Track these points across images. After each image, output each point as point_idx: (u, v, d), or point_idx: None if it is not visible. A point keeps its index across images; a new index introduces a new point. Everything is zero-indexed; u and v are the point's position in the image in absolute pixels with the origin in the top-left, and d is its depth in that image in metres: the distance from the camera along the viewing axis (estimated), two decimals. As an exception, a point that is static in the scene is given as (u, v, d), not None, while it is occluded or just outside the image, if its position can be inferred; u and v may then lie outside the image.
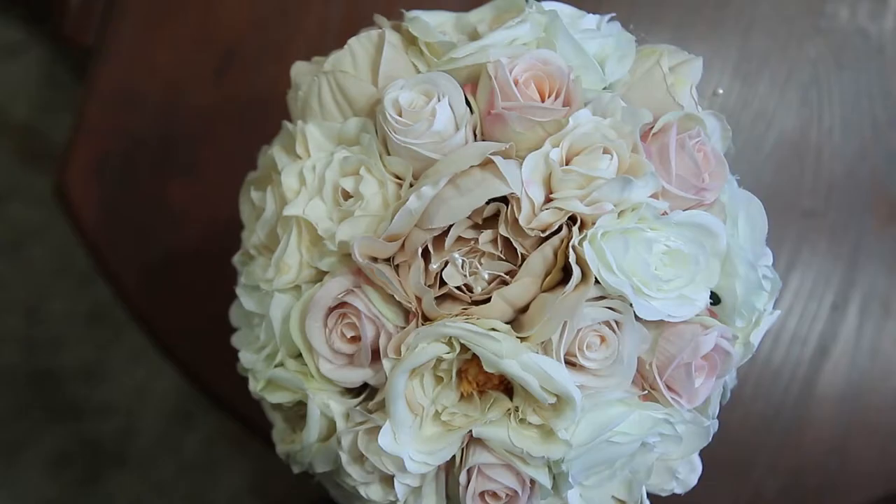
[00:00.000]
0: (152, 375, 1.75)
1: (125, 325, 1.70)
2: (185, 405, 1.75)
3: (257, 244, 0.60)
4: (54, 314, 1.78)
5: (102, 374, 1.77)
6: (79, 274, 1.75)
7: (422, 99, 0.55)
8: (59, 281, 1.78)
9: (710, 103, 0.93)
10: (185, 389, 1.68)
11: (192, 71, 0.95)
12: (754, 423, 0.91)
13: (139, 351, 1.75)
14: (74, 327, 1.78)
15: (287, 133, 0.61)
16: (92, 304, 1.77)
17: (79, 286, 1.77)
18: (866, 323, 0.91)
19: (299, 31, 0.95)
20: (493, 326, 0.53)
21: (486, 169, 0.53)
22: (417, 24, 0.58)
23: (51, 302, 1.78)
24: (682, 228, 0.55)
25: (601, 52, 0.59)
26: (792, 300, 0.92)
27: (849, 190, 0.93)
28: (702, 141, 0.57)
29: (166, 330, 0.95)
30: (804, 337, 0.91)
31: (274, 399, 0.58)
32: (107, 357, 1.77)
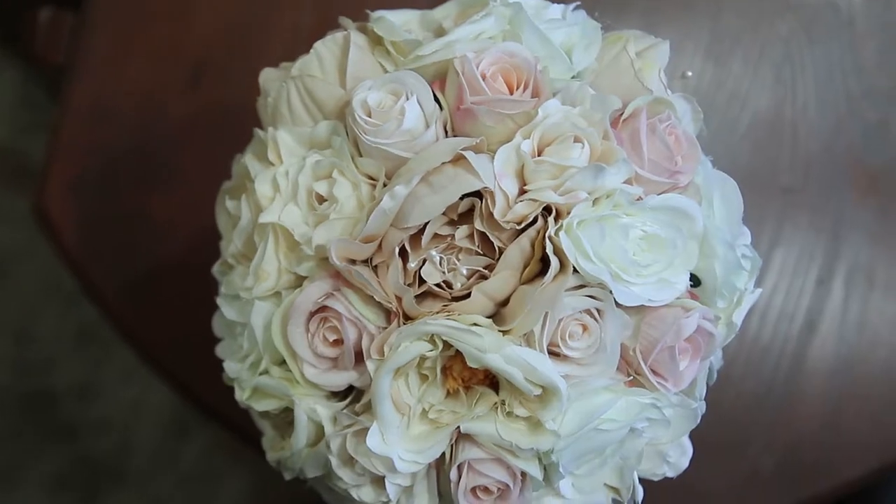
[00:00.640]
0: (145, 390, 1.75)
1: (115, 342, 1.69)
2: (180, 418, 1.75)
3: (235, 253, 0.60)
4: (44, 334, 1.77)
5: (96, 391, 1.77)
6: (66, 293, 1.75)
7: (390, 98, 0.55)
8: (46, 301, 1.77)
9: (684, 86, 0.93)
10: (179, 402, 1.67)
11: (166, 82, 0.95)
12: (746, 401, 0.91)
13: (131, 366, 1.74)
14: (65, 347, 1.77)
15: (259, 140, 0.61)
16: (81, 322, 1.76)
17: (67, 305, 1.76)
18: (852, 296, 0.92)
19: (271, 37, 0.95)
20: (475, 321, 0.53)
21: (459, 164, 0.53)
22: (382, 23, 0.58)
23: (39, 322, 1.78)
24: (657, 213, 0.55)
25: (567, 41, 0.59)
26: (777, 277, 0.92)
27: (827, 164, 0.93)
28: (672, 124, 0.57)
29: (154, 344, 0.95)
30: (791, 313, 0.91)
31: (261, 407, 0.58)
32: (99, 374, 1.77)
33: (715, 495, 0.91)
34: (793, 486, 0.90)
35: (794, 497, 0.90)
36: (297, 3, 0.95)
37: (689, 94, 0.83)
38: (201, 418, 0.98)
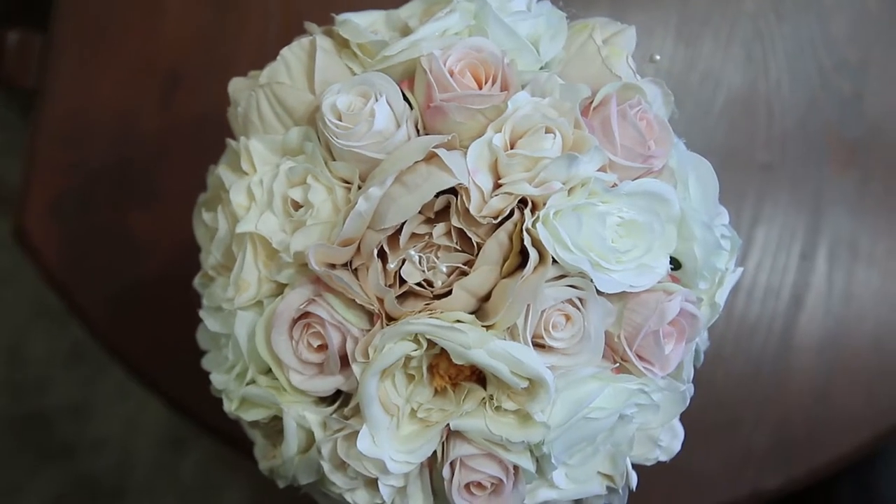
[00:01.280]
0: (140, 406, 1.75)
1: (107, 360, 1.69)
2: (176, 431, 1.74)
3: (215, 265, 0.60)
4: (35, 356, 1.77)
5: (90, 410, 1.76)
6: (55, 313, 1.75)
7: (359, 101, 0.55)
8: (35, 323, 1.77)
9: (656, 70, 0.93)
10: (174, 416, 1.67)
11: (138, 98, 0.95)
12: (737, 380, 0.91)
13: (125, 383, 1.74)
14: (57, 367, 1.77)
15: (231, 150, 0.61)
16: (71, 341, 1.76)
17: (56, 326, 1.76)
18: (836, 268, 0.92)
19: (241, 46, 0.95)
20: (458, 318, 0.53)
21: (432, 163, 0.53)
22: (347, 26, 0.58)
23: (30, 344, 1.77)
24: (633, 198, 0.55)
25: (533, 32, 0.59)
26: (760, 255, 0.92)
27: (803, 139, 0.94)
28: (643, 109, 0.57)
29: (144, 361, 0.95)
30: (777, 290, 0.92)
31: (249, 417, 0.58)
32: (93, 393, 1.77)
33: (710, 475, 0.91)
34: (787, 462, 0.90)
35: (789, 473, 0.90)
36: (266, 11, 0.95)
37: (662, 77, 0.84)
38: (198, 431, 0.98)
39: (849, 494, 1.09)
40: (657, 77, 0.88)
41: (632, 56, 0.61)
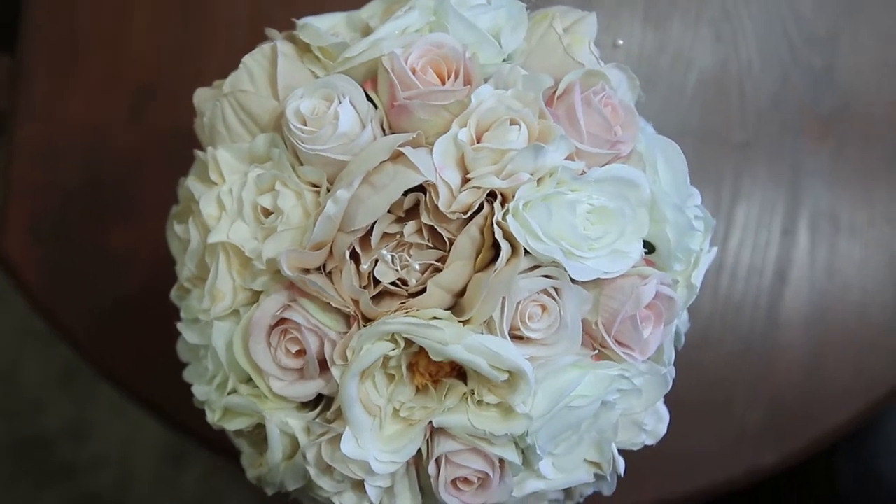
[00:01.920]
0: (137, 421, 1.74)
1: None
2: (175, 445, 1.74)
3: (189, 276, 0.60)
4: (28, 379, 1.77)
5: (88, 429, 1.76)
6: (44, 335, 1.74)
7: (323, 104, 0.55)
8: (26, 345, 1.77)
9: (626, 55, 0.93)
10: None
11: (109, 114, 0.95)
12: (726, 360, 0.91)
13: (120, 400, 1.73)
14: (51, 388, 1.77)
15: (200, 161, 0.61)
16: (63, 361, 1.76)
17: (47, 347, 1.76)
18: (818, 242, 0.92)
19: (211, 56, 0.95)
20: (434, 315, 0.53)
21: (398, 161, 0.53)
22: (307, 30, 0.58)
23: (22, 368, 1.77)
24: (602, 184, 0.55)
25: (494, 25, 0.59)
26: (741, 233, 0.92)
27: (777, 115, 0.94)
28: (608, 95, 0.57)
29: (134, 377, 0.95)
30: (760, 267, 0.92)
31: (233, 427, 0.58)
32: (89, 411, 1.76)
33: (706, 456, 0.91)
34: (781, 439, 0.90)
35: (783, 449, 0.90)
36: (233, 19, 0.95)
37: (632, 61, 0.84)
38: (195, 444, 0.98)
39: (848, 469, 1.09)
40: (627, 62, 0.88)
41: (594, 43, 0.61)
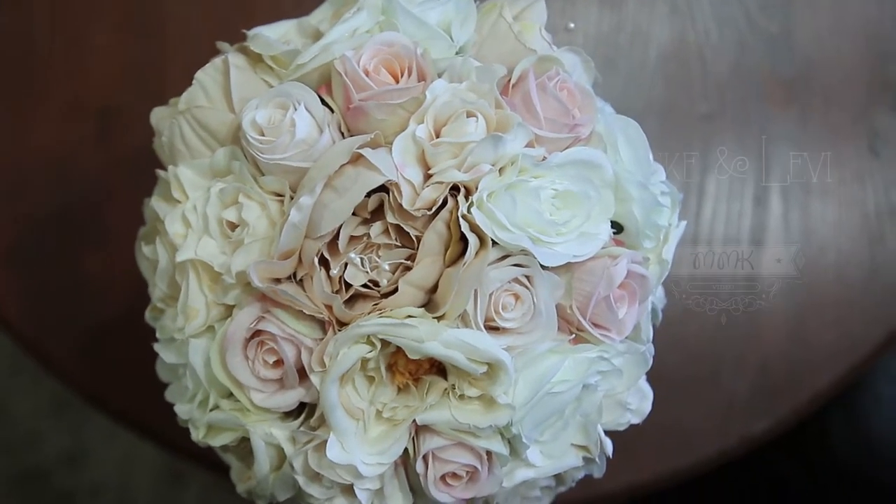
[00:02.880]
0: (133, 444, 1.74)
1: (91, 404, 1.68)
2: (173, 465, 1.74)
3: (162, 296, 0.60)
4: (20, 412, 1.76)
5: (84, 456, 1.75)
6: (32, 367, 1.74)
7: (278, 113, 0.55)
8: (14, 379, 1.76)
9: (585, 37, 0.93)
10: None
11: (74, 140, 0.94)
12: (710, 333, 0.91)
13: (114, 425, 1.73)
14: (44, 419, 1.76)
15: (162, 181, 0.61)
16: (53, 391, 1.75)
17: (36, 379, 1.75)
18: (791, 207, 0.92)
19: (170, 73, 0.95)
20: (408, 314, 0.53)
21: (358, 164, 0.53)
22: (257, 40, 0.58)
23: (13, 401, 1.76)
24: (564, 169, 0.55)
25: (444, 19, 0.59)
26: (714, 204, 0.92)
27: (740, 84, 0.94)
28: (562, 79, 0.57)
29: (122, 402, 0.95)
30: (736, 236, 0.92)
31: (218, 442, 0.58)
32: (84, 438, 1.76)
33: (698, 430, 0.91)
34: (770, 406, 0.91)
35: (773, 416, 0.90)
36: (189, 34, 0.94)
37: (591, 42, 0.84)
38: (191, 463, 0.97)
39: (840, 431, 1.10)
40: (585, 43, 0.88)
41: (546, 28, 0.61)
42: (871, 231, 0.92)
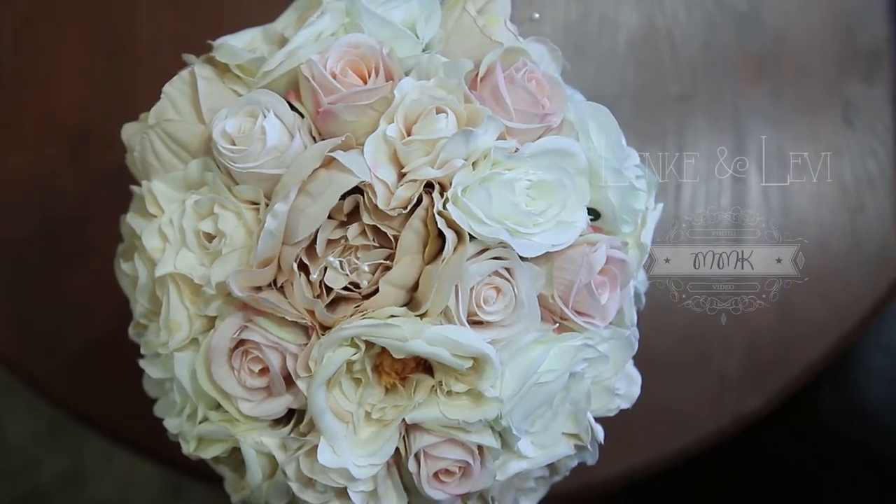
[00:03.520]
0: (132, 462, 1.74)
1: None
2: (172, 480, 1.73)
3: (144, 312, 0.60)
4: (16, 437, 1.76)
5: (83, 477, 1.75)
6: (24, 392, 1.73)
7: (248, 121, 0.55)
8: (8, 404, 1.76)
9: (553, 27, 0.93)
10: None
11: (51, 161, 0.94)
12: (698, 314, 0.91)
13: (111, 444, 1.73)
14: (41, 443, 1.76)
15: (137, 197, 0.60)
16: (49, 414, 1.75)
17: (30, 403, 1.75)
18: (769, 182, 0.92)
19: (141, 88, 0.94)
20: (391, 313, 0.53)
21: (331, 167, 0.53)
22: (222, 50, 0.58)
23: (9, 427, 1.76)
24: (537, 159, 0.55)
25: (408, 17, 0.59)
26: (693, 184, 0.92)
27: (710, 62, 0.94)
28: (530, 69, 0.57)
29: (114, 419, 0.94)
30: (716, 216, 0.92)
31: (209, 454, 0.58)
32: (82, 459, 1.75)
33: (691, 411, 0.92)
34: (761, 383, 0.91)
35: (765, 392, 0.91)
36: (156, 48, 0.94)
37: (559, 31, 0.84)
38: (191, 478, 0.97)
39: (832, 402, 1.10)
40: (554, 32, 0.88)
41: (511, 19, 0.61)
42: (851, 202, 0.92)
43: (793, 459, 1.14)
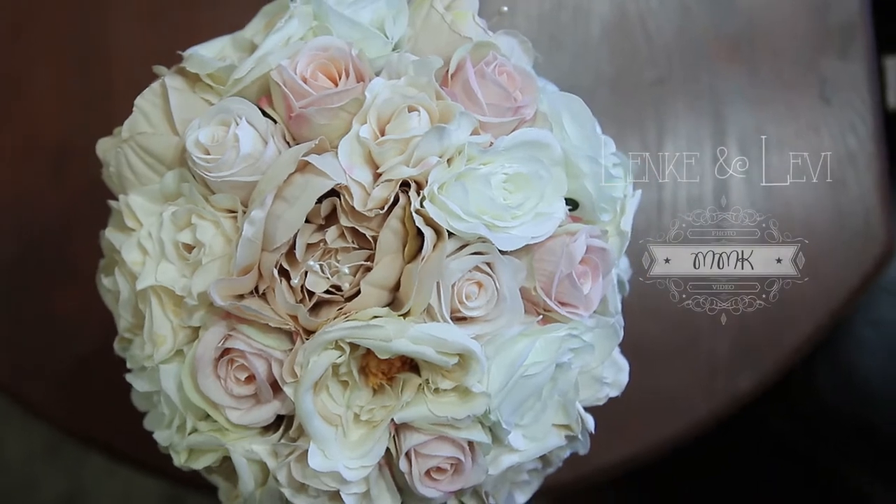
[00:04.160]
0: (131, 478, 1.73)
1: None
2: (172, 493, 1.73)
3: (128, 326, 0.60)
4: (15, 459, 1.76)
5: (83, 495, 1.75)
6: (20, 414, 1.73)
7: (221, 130, 0.55)
8: (5, 425, 1.75)
9: (527, 20, 0.93)
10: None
11: (32, 180, 0.94)
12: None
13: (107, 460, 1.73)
14: (39, 463, 1.75)
15: (115, 211, 0.60)
16: (45, 434, 1.74)
17: (25, 425, 1.74)
18: (751, 163, 0.92)
19: (117, 102, 0.94)
20: (374, 314, 0.53)
21: (306, 171, 0.53)
22: (192, 60, 0.58)
23: (6, 449, 1.76)
24: (512, 152, 0.55)
25: (376, 17, 0.59)
26: (675, 170, 0.92)
27: (685, 46, 0.94)
28: (500, 63, 0.57)
29: (107, 435, 0.94)
30: (699, 199, 0.92)
31: (201, 465, 0.58)
32: (81, 477, 1.75)
33: (685, 395, 0.92)
34: (754, 363, 0.91)
35: (758, 371, 0.91)
36: (129, 62, 0.94)
37: (533, 23, 0.84)
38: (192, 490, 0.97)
39: (826, 376, 1.10)
40: (528, 25, 0.88)
41: (478, 14, 0.61)
42: (833, 178, 0.92)
43: (790, 436, 1.15)
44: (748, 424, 1.10)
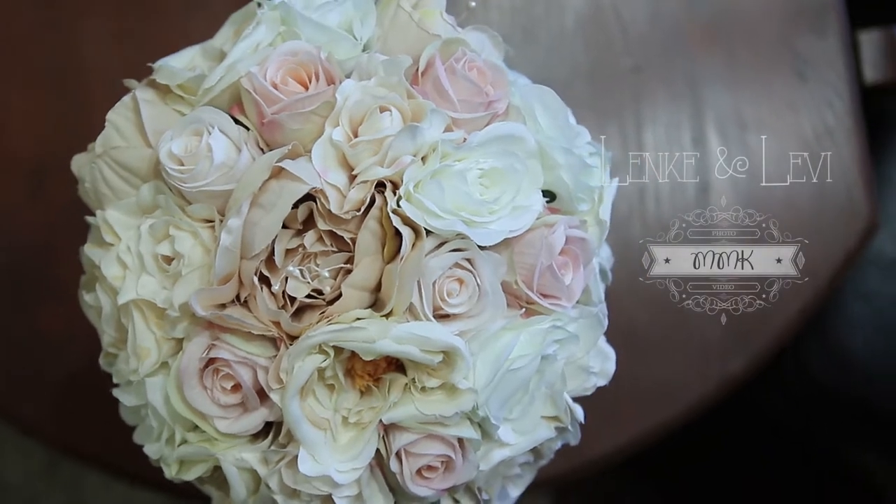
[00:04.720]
0: (128, 492, 1.73)
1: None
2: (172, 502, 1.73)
3: (112, 341, 0.60)
4: (14, 478, 1.75)
5: (84, 510, 1.75)
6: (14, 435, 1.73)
7: (194, 140, 0.54)
8: (1, 447, 1.75)
9: (500, 15, 0.93)
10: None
11: (9, 199, 0.94)
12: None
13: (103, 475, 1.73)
14: (38, 483, 1.75)
15: (93, 227, 0.60)
16: (43, 452, 1.74)
17: (23, 442, 1.74)
18: (731, 146, 0.93)
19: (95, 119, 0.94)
20: (357, 316, 0.53)
21: (281, 177, 0.53)
22: (162, 71, 0.57)
23: (5, 469, 1.75)
24: (486, 146, 0.55)
25: (344, 19, 0.59)
26: (656, 156, 0.92)
27: (660, 33, 0.94)
28: (470, 59, 0.57)
29: (100, 450, 0.94)
30: (681, 184, 0.92)
31: (192, 475, 0.58)
32: (82, 492, 1.75)
33: (677, 381, 0.92)
34: (745, 344, 0.91)
35: (749, 353, 0.91)
36: (107, 78, 0.94)
37: (507, 17, 0.84)
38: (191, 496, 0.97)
39: (816, 355, 1.11)
40: (502, 18, 0.88)
41: (446, 11, 0.61)
42: (813, 154, 0.92)
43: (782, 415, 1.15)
44: (743, 409, 1.10)
